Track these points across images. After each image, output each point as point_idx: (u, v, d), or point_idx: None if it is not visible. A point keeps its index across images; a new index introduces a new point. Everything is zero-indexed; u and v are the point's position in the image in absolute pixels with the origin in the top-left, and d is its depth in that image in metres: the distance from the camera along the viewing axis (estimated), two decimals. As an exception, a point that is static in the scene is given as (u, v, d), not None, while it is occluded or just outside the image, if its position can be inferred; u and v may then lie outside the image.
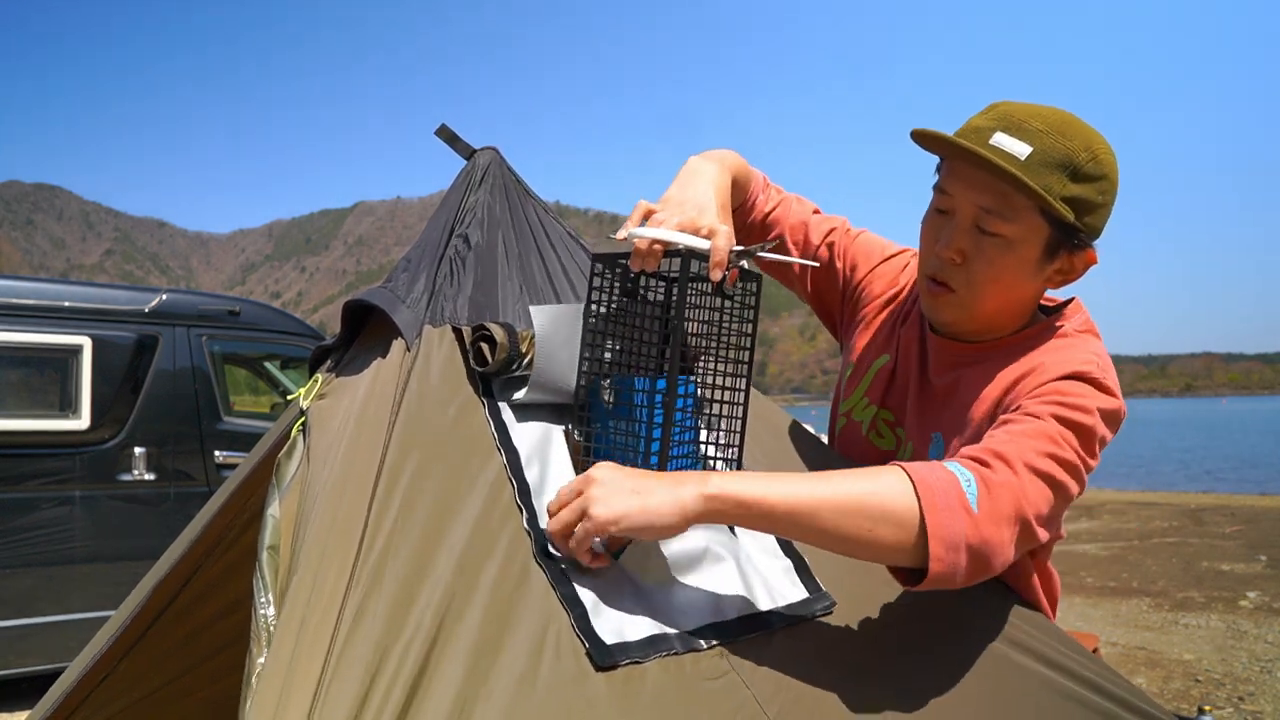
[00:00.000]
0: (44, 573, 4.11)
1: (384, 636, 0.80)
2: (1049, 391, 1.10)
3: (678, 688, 0.87)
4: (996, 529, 0.94)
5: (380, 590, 0.84)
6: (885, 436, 1.38)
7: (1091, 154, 1.13)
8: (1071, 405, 1.07)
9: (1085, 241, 1.17)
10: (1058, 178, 1.11)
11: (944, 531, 0.90)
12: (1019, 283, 1.19)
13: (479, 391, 1.07)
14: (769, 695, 0.90)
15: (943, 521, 0.90)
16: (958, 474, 0.94)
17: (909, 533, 0.91)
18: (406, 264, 1.24)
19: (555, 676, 0.83)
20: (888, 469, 0.95)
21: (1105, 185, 1.15)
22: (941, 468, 0.95)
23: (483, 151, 1.32)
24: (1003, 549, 0.95)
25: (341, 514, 0.92)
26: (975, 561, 0.93)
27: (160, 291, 4.67)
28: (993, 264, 1.17)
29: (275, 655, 0.81)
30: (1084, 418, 1.07)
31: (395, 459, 0.95)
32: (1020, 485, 0.97)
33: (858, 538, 0.91)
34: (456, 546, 0.90)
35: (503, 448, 1.02)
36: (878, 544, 0.92)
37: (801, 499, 0.90)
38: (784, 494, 0.90)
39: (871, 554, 0.94)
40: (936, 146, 1.19)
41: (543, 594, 0.90)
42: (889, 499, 0.91)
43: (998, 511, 0.94)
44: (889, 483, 0.92)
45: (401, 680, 0.77)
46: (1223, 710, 4.23)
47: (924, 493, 0.91)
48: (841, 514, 0.90)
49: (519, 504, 0.97)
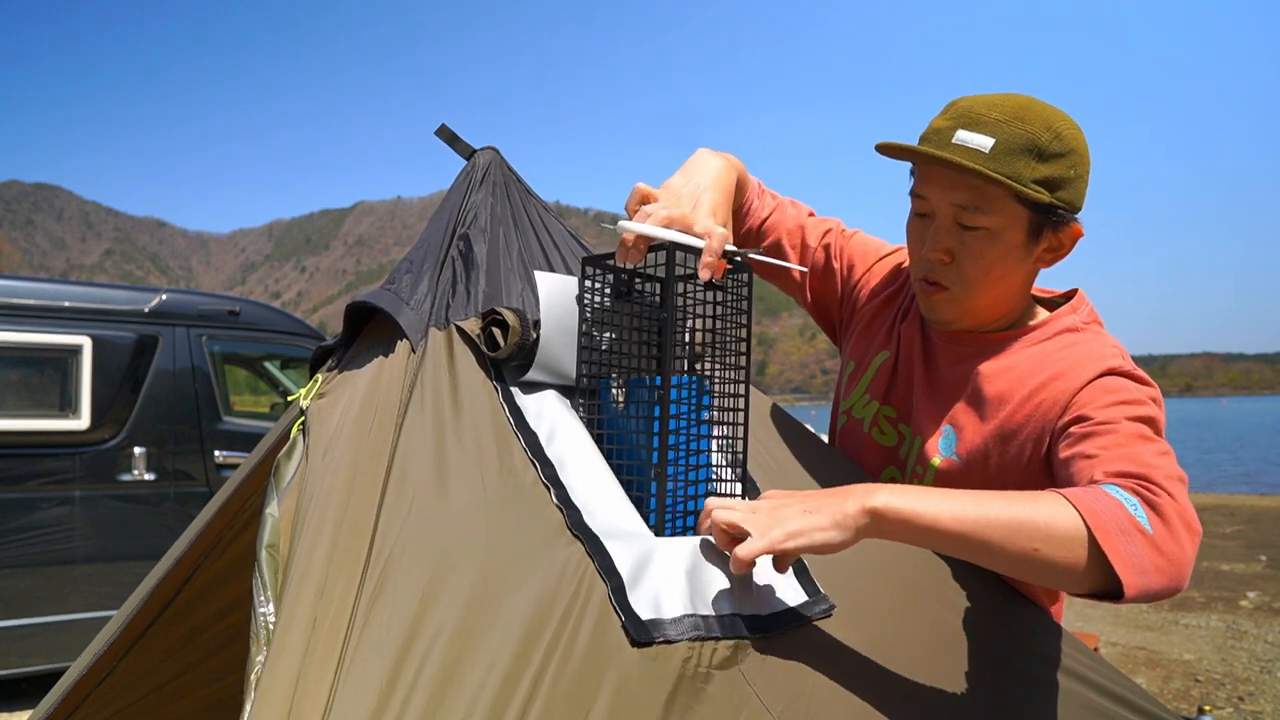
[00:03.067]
0: (44, 573, 4.11)
1: (406, 632, 0.79)
2: (1099, 395, 1.11)
3: (695, 673, 0.87)
4: (1177, 547, 0.93)
5: (395, 587, 0.83)
6: (887, 433, 1.38)
7: (1054, 133, 1.15)
8: (1131, 402, 1.09)
9: (1066, 217, 1.19)
10: (1025, 162, 1.13)
11: (1128, 555, 0.90)
12: (1009, 270, 1.21)
13: (491, 378, 1.07)
14: (772, 696, 0.90)
15: (1121, 546, 0.90)
16: (1122, 499, 0.94)
17: (1078, 554, 0.90)
18: (409, 265, 1.24)
19: (592, 648, 0.82)
20: (1046, 494, 0.94)
21: (1074, 159, 1.17)
22: (1106, 495, 0.94)
23: (483, 151, 1.32)
24: (1184, 561, 0.94)
25: (349, 517, 0.92)
26: (1162, 579, 0.92)
27: (160, 291, 4.67)
28: (981, 257, 1.19)
29: (278, 656, 0.81)
30: (1148, 411, 1.09)
31: (403, 460, 0.95)
32: (1178, 501, 0.97)
33: (1026, 557, 0.91)
34: (480, 536, 0.89)
35: (520, 432, 1.02)
36: (1047, 563, 0.91)
37: (969, 517, 0.91)
38: (952, 513, 0.90)
39: (1042, 574, 0.93)
40: (903, 156, 1.21)
41: (578, 564, 0.89)
42: (1054, 520, 0.91)
43: (1174, 532, 0.94)
44: (1051, 506, 0.92)
45: (428, 672, 0.77)
46: (1223, 710, 4.23)
47: (1093, 521, 0.90)
48: (1009, 532, 0.90)
49: (545, 483, 0.97)
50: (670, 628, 0.88)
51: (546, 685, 0.78)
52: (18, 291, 4.23)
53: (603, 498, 1.00)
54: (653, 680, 0.83)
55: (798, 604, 1.02)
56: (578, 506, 0.96)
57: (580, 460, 1.03)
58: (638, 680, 0.82)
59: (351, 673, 0.76)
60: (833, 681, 0.96)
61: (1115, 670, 1.24)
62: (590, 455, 1.05)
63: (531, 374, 1.09)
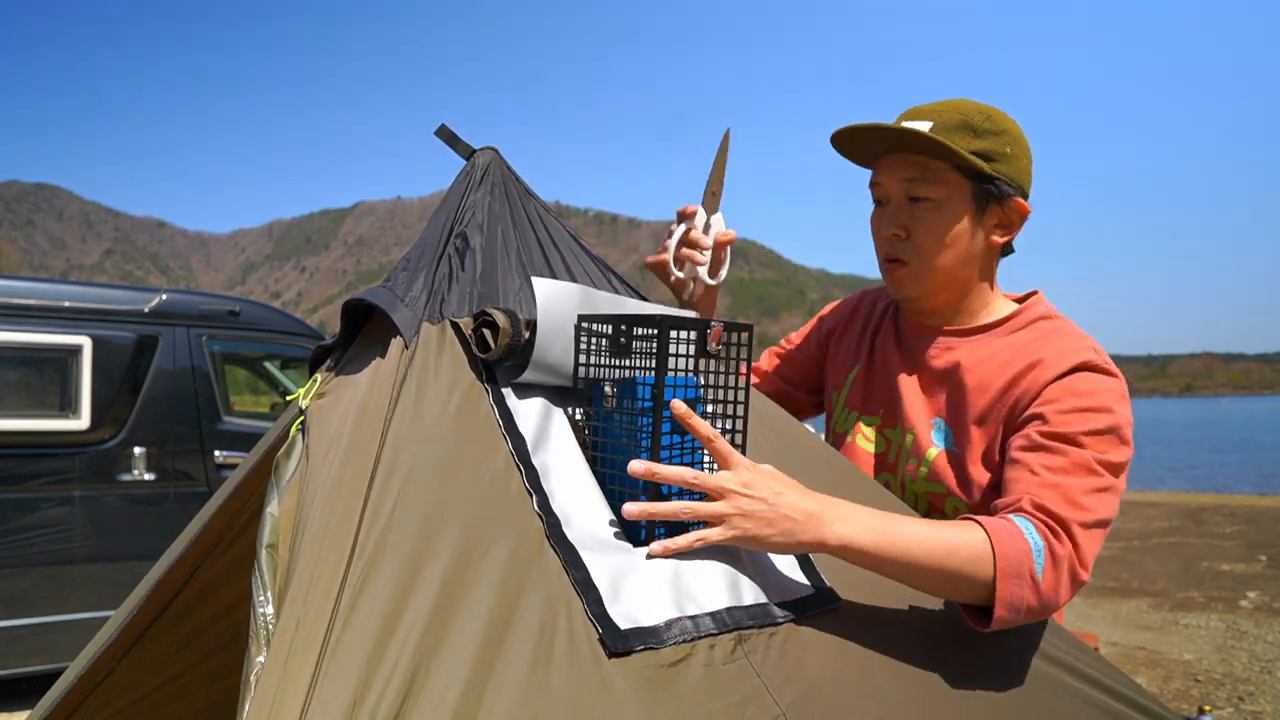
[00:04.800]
0: (44, 573, 4.11)
1: (380, 631, 0.79)
2: (1065, 396, 1.19)
3: (691, 673, 0.87)
4: (1055, 594, 1.08)
5: (375, 586, 0.83)
6: (873, 440, 1.43)
7: (984, 114, 1.28)
8: (1094, 409, 1.17)
9: (1008, 190, 1.28)
10: (960, 136, 1.26)
11: (1011, 598, 1.05)
12: (961, 240, 1.30)
13: (482, 379, 1.07)
14: (779, 685, 0.90)
15: (1011, 590, 1.05)
16: (1031, 544, 1.07)
17: (980, 590, 1.06)
18: (406, 263, 1.24)
19: (569, 663, 0.82)
20: (972, 528, 1.07)
21: (1007, 139, 1.28)
22: (1020, 537, 1.07)
23: (482, 151, 1.32)
24: (1057, 605, 1.10)
25: (336, 513, 0.92)
26: (1030, 617, 1.08)
27: (160, 291, 4.67)
28: (933, 227, 1.29)
29: (273, 656, 0.81)
30: (1109, 419, 1.17)
31: (391, 456, 0.95)
32: (1080, 550, 1.09)
33: (939, 589, 1.07)
34: (458, 538, 0.89)
35: (508, 434, 1.02)
36: (954, 594, 1.08)
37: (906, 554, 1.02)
38: (891, 551, 1.01)
39: (944, 595, 1.10)
40: (856, 137, 1.31)
41: (556, 578, 0.89)
42: (970, 562, 1.04)
43: (1059, 581, 1.08)
44: (973, 548, 1.05)
45: (399, 673, 0.76)
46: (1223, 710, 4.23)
47: (1000, 563, 1.05)
48: (930, 570, 1.03)
49: (528, 489, 0.97)
50: (654, 634, 0.88)
51: (516, 698, 0.78)
52: (18, 291, 4.23)
53: (584, 506, 0.99)
54: (634, 687, 0.83)
55: (804, 596, 1.03)
56: (558, 515, 0.96)
57: (565, 467, 1.02)
58: (621, 689, 0.82)
59: (330, 672, 0.76)
60: (841, 674, 0.96)
61: (1117, 670, 1.24)
62: (576, 462, 1.04)
63: (529, 374, 1.08)
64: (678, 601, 0.92)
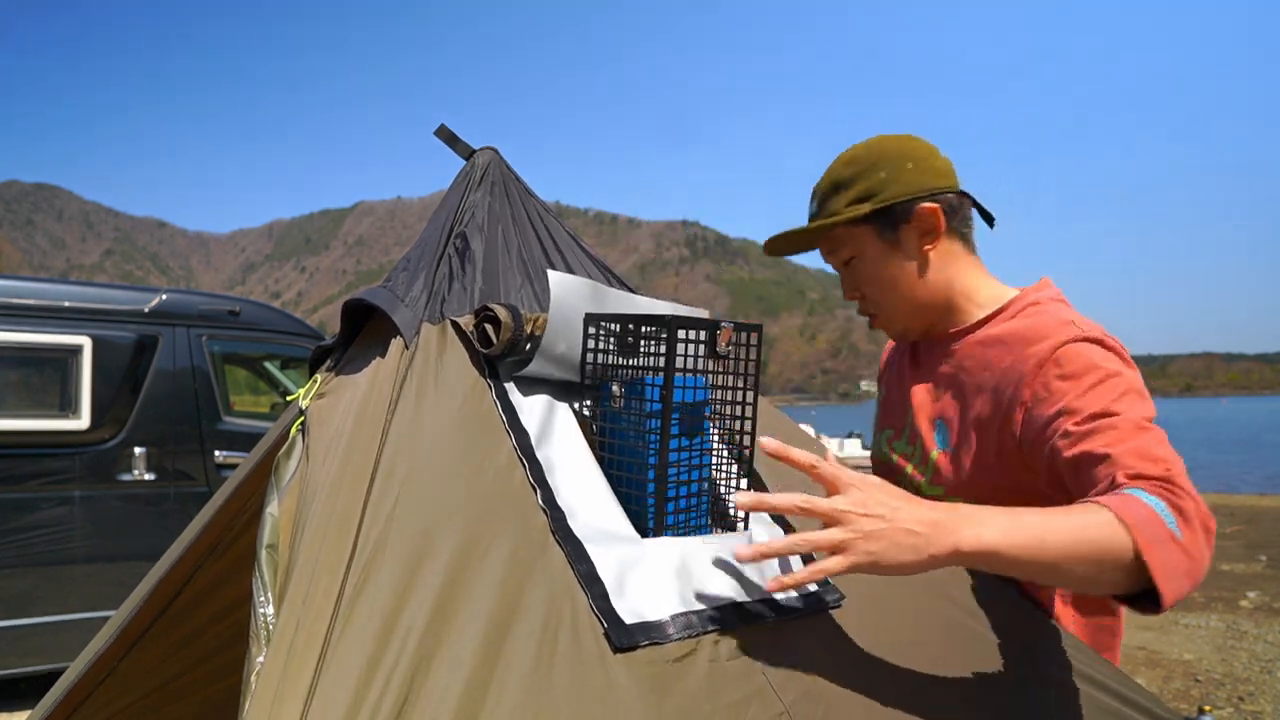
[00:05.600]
0: (44, 573, 4.11)
1: (381, 630, 0.79)
2: (1069, 386, 1.15)
3: (696, 669, 0.87)
4: (1199, 549, 0.98)
5: (375, 585, 0.83)
6: (899, 453, 1.46)
7: (844, 163, 1.37)
8: (1105, 378, 1.14)
9: (903, 208, 1.33)
10: (835, 199, 1.36)
11: (1164, 565, 0.94)
12: (898, 272, 1.37)
13: (485, 375, 1.07)
14: (783, 682, 0.90)
15: (1160, 557, 0.94)
16: (1154, 505, 0.98)
17: (1126, 570, 0.94)
18: (406, 263, 1.24)
19: (573, 658, 0.82)
20: (1094, 509, 0.97)
21: (877, 167, 1.34)
22: (1140, 503, 0.98)
23: (482, 151, 1.32)
24: (1205, 561, 0.99)
25: (336, 513, 0.92)
26: (1191, 582, 0.97)
27: (160, 291, 4.66)
28: (872, 279, 1.39)
29: (273, 656, 0.81)
30: (1123, 381, 1.14)
31: (391, 456, 0.95)
32: (1196, 498, 1.01)
33: (1085, 578, 0.96)
34: (460, 535, 0.89)
35: (511, 430, 1.01)
36: (1100, 581, 0.96)
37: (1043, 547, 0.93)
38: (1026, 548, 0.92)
39: (1089, 587, 0.99)
40: (779, 246, 1.42)
41: (560, 572, 0.89)
42: (1107, 540, 0.94)
43: (1196, 534, 0.98)
44: (1103, 529, 0.95)
45: (400, 671, 0.76)
46: (1223, 710, 4.23)
47: (1136, 533, 0.94)
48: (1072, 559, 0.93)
49: (532, 483, 0.97)
50: (659, 629, 0.87)
51: (519, 694, 0.78)
52: (18, 291, 4.23)
53: (589, 500, 0.99)
54: (638, 682, 0.83)
55: (809, 593, 1.03)
56: (562, 509, 0.95)
57: (570, 461, 1.02)
58: (625, 685, 0.82)
59: (330, 671, 0.76)
60: (844, 672, 0.96)
61: (1118, 670, 1.24)
62: (581, 455, 1.04)
63: (533, 367, 1.08)
64: (683, 595, 0.92)
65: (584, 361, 1.09)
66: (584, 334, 1.08)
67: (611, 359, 1.08)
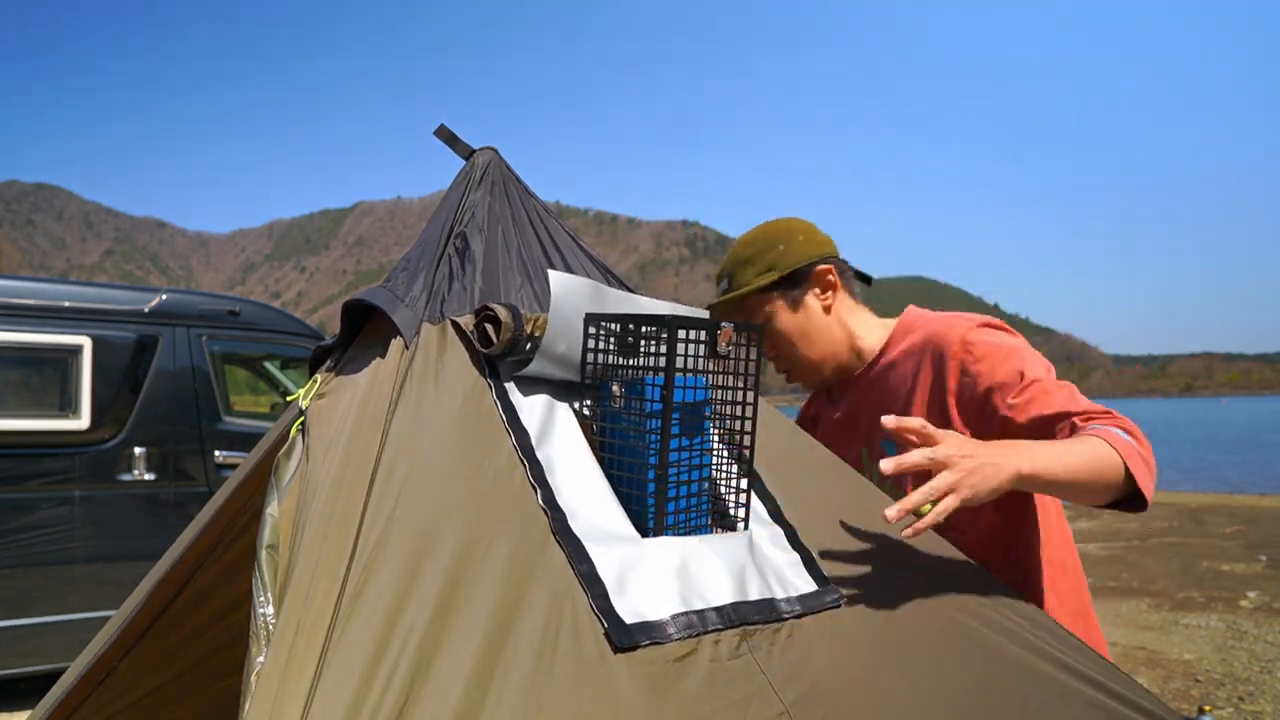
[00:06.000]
0: (44, 573, 4.11)
1: (382, 630, 0.79)
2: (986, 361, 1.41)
3: (696, 669, 0.87)
4: (1150, 454, 1.27)
5: (376, 585, 0.83)
6: None
7: (748, 243, 1.62)
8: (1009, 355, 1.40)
9: (800, 273, 1.58)
10: (742, 273, 1.60)
11: (1141, 475, 1.23)
12: (805, 329, 1.60)
13: (485, 375, 1.07)
14: (782, 682, 0.90)
15: (1138, 467, 1.22)
16: (1119, 435, 1.26)
17: (1118, 480, 1.22)
18: (406, 264, 1.24)
19: (573, 658, 0.82)
20: (1093, 440, 1.23)
21: (774, 242, 1.59)
22: (1110, 433, 1.25)
23: (481, 151, 1.32)
24: (1154, 460, 1.29)
25: (336, 513, 0.92)
26: (1154, 477, 1.26)
27: (160, 291, 4.66)
28: (785, 337, 1.60)
29: (274, 656, 0.81)
30: (1020, 359, 1.40)
31: (391, 456, 0.95)
32: (1126, 418, 1.30)
33: (1097, 489, 1.22)
34: (460, 535, 0.89)
35: (511, 429, 1.02)
36: (1104, 491, 1.23)
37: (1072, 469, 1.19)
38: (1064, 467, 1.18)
39: (1097, 498, 1.25)
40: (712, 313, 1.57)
41: (560, 572, 0.89)
42: (1111, 460, 1.21)
43: (1145, 442, 1.28)
44: (1102, 450, 1.22)
45: (401, 671, 0.76)
46: (1223, 710, 4.22)
47: (1123, 452, 1.22)
48: (1093, 475, 1.20)
49: (533, 483, 0.97)
50: (660, 628, 0.88)
51: (520, 694, 0.77)
52: (18, 291, 4.23)
53: (590, 500, 0.99)
54: (639, 682, 0.83)
55: (808, 592, 1.03)
56: (563, 509, 0.95)
57: (570, 461, 1.02)
58: (626, 684, 0.82)
59: (330, 671, 0.76)
60: (844, 671, 0.96)
61: (1117, 670, 1.24)
62: (582, 455, 1.04)
63: (534, 367, 1.08)
64: (683, 595, 0.92)
65: (584, 361, 1.09)
66: (584, 334, 1.08)
67: (612, 359, 1.08)
